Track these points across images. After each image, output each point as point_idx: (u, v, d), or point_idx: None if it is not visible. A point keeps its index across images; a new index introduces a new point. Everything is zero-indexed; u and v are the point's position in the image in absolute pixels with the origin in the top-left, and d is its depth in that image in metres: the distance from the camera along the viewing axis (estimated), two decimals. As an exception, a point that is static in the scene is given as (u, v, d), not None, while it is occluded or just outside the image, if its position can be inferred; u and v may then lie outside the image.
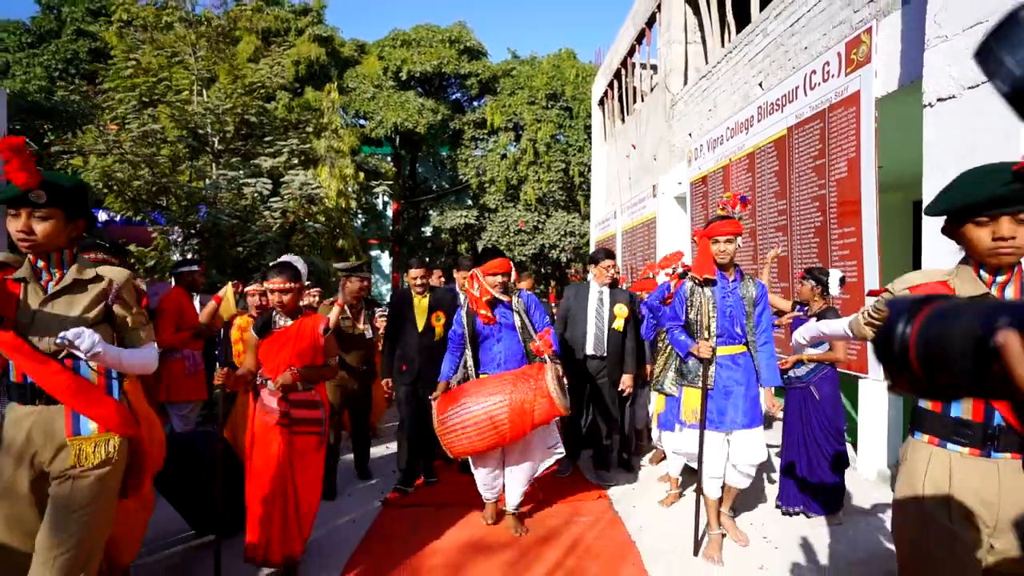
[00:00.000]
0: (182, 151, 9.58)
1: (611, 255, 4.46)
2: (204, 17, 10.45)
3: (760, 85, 5.72)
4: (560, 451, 3.42)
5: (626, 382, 4.34)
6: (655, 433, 4.45)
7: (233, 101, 9.17)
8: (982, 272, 1.48)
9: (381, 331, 4.62)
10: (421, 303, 4.19)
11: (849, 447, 4.36)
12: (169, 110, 8.96)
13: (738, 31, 6.58)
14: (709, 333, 3.05)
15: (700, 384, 3.04)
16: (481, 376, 3.34)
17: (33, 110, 12.15)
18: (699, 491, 3.14)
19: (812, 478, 3.57)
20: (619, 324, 4.31)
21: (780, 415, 3.20)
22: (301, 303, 3.12)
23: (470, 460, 3.41)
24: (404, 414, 4.17)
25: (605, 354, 4.33)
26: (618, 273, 4.95)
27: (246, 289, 4.23)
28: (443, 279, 6.44)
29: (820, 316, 3.58)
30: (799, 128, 4.91)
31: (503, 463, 3.37)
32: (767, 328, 3.14)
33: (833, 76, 4.43)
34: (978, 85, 2.72)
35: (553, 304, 6.40)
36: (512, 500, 3.39)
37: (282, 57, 10.65)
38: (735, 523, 3.39)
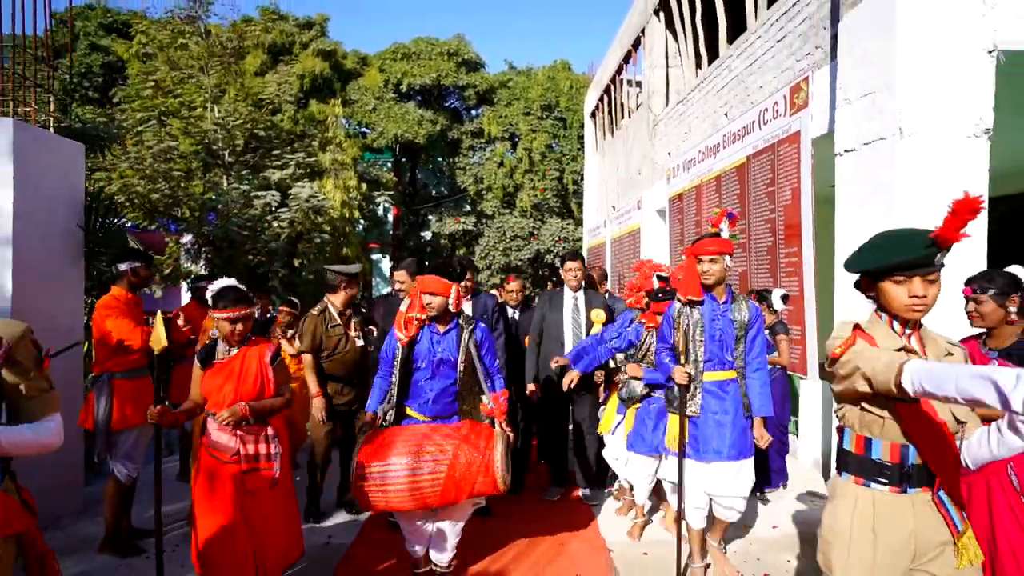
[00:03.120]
0: (196, 164, 10.19)
1: (578, 256, 4.29)
2: (216, 36, 11.07)
3: (726, 115, 6.35)
4: (481, 501, 3.05)
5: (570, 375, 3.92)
6: (612, 455, 3.96)
7: (243, 116, 9.79)
8: (895, 325, 1.64)
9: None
10: None
11: (792, 437, 5.08)
12: (182, 124, 9.57)
13: (709, 62, 7.21)
14: (685, 359, 2.88)
15: (681, 411, 2.90)
16: (406, 411, 2.94)
17: (65, 134, 12.81)
18: (679, 519, 3.01)
19: (762, 463, 4.26)
20: (597, 329, 4.12)
21: (764, 446, 2.96)
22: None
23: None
24: None
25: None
26: (599, 281, 4.73)
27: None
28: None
29: (771, 329, 4.35)
30: (755, 158, 5.54)
31: (431, 514, 2.94)
32: (760, 354, 2.96)
33: (780, 115, 5.06)
34: (871, 142, 3.36)
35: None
36: (443, 557, 2.98)
37: (289, 75, 11.27)
38: (725, 556, 3.21)
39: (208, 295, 2.73)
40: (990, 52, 3.10)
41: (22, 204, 3.34)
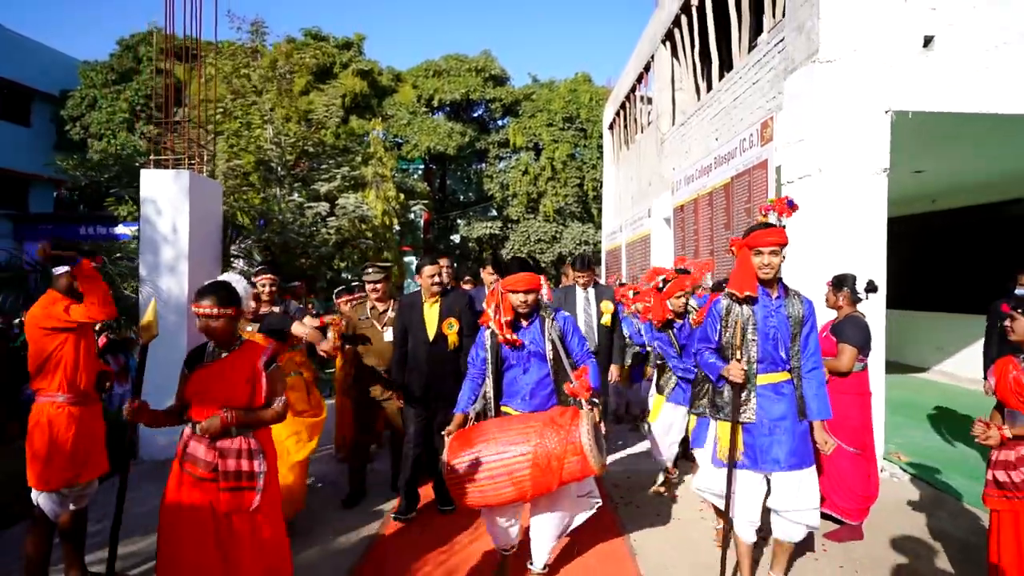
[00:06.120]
0: (255, 178, 11.62)
1: (585, 263, 4.66)
2: (271, 61, 12.52)
3: (716, 140, 7.47)
4: (596, 500, 2.93)
5: (614, 373, 4.68)
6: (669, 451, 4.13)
7: (295, 134, 11.16)
8: None
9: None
10: (431, 308, 3.75)
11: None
12: (242, 142, 10.97)
13: (708, 91, 8.33)
14: (741, 355, 2.66)
15: (734, 416, 2.68)
16: (503, 409, 2.87)
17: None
18: (727, 531, 2.81)
19: None
20: (607, 319, 4.68)
21: (829, 451, 2.72)
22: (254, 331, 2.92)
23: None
24: (411, 430, 3.79)
25: (596, 349, 4.64)
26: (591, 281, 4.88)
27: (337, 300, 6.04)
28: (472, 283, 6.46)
29: None
30: (737, 179, 6.65)
31: (523, 511, 2.86)
32: (816, 352, 2.71)
33: (755, 145, 6.17)
34: (803, 177, 4.48)
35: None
36: (539, 557, 2.87)
37: (336, 97, 12.66)
38: None
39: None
40: (886, 112, 4.19)
41: (193, 229, 4.84)
